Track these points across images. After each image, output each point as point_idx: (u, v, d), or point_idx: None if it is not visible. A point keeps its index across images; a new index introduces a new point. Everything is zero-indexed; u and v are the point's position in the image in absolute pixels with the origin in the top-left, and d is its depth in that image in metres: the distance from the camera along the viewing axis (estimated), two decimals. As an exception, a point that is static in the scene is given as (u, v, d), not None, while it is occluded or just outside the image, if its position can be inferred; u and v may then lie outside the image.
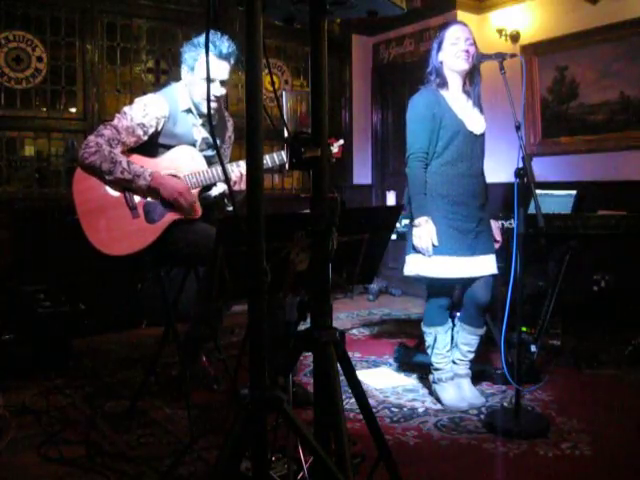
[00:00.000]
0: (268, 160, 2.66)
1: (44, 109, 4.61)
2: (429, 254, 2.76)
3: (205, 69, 2.67)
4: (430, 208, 2.77)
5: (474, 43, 2.82)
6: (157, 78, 5.01)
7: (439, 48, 2.84)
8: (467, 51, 2.78)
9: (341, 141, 2.87)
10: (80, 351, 3.69)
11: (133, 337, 4.15)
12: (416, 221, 2.78)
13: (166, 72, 5.04)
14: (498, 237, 2.96)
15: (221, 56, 2.63)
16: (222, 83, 2.70)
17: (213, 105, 2.70)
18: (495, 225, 2.98)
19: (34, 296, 3.55)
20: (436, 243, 2.74)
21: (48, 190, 4.59)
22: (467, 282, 2.86)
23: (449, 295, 2.91)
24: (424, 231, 2.75)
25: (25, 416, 2.73)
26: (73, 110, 4.75)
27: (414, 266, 2.84)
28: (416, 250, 2.80)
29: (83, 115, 4.69)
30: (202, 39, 2.65)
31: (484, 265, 2.82)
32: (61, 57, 4.63)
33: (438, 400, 2.93)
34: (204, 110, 2.72)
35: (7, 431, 2.52)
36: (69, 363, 3.44)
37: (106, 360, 3.63)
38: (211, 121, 1.37)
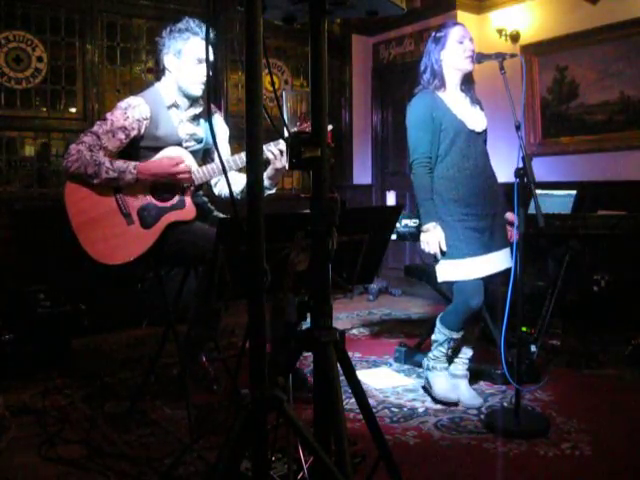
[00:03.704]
0: (266, 151, 2.65)
1: (44, 109, 4.61)
2: (439, 259, 2.76)
3: (195, 52, 2.72)
4: (443, 213, 2.76)
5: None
6: (157, 78, 4.99)
7: (442, 46, 2.80)
8: (473, 50, 2.78)
9: (330, 126, 2.82)
10: (80, 351, 3.69)
11: (133, 337, 4.15)
12: (424, 227, 2.77)
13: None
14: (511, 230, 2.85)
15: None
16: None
17: (203, 87, 2.72)
18: (510, 217, 2.89)
19: (34, 296, 3.55)
20: (444, 248, 2.74)
21: (48, 190, 4.58)
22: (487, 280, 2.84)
23: (478, 304, 2.78)
24: (432, 237, 2.74)
25: (25, 416, 2.73)
26: (73, 110, 4.75)
27: (443, 273, 2.81)
28: (433, 257, 2.80)
29: (83, 115, 4.69)
30: (183, 25, 2.69)
31: (501, 260, 2.83)
32: (61, 57, 4.63)
33: (429, 390, 2.94)
34: (193, 92, 2.72)
35: (7, 431, 2.52)
36: (69, 363, 3.45)
37: (106, 360, 3.63)
38: (211, 122, 1.37)
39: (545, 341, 3.60)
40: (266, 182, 2.72)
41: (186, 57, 2.68)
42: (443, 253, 2.75)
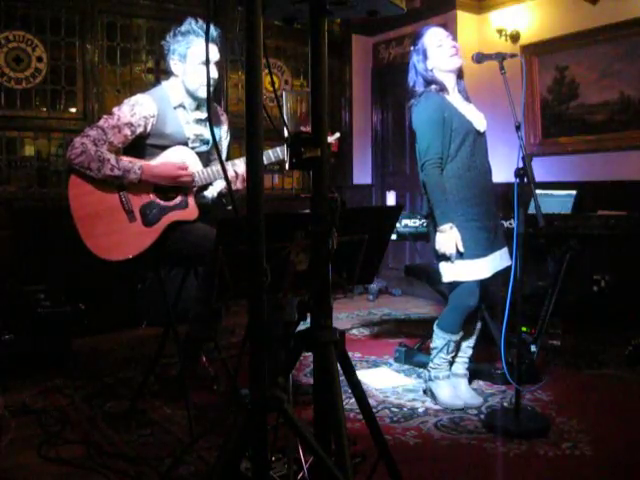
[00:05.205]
0: (271, 155, 2.67)
1: (44, 109, 4.61)
2: (454, 260, 2.74)
3: (199, 54, 2.73)
4: (453, 213, 2.74)
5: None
6: (157, 78, 5.00)
7: (424, 56, 2.83)
8: (455, 46, 2.79)
9: (337, 134, 2.83)
10: (80, 351, 3.69)
11: (133, 337, 4.14)
12: (441, 227, 2.73)
13: (166, 72, 5.04)
14: None
15: (212, 40, 2.66)
16: (214, 65, 2.74)
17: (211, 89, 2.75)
18: None
19: (34, 296, 3.55)
20: (461, 249, 2.71)
21: (48, 190, 4.58)
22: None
23: (476, 302, 2.81)
24: (449, 238, 2.71)
25: (25, 416, 2.73)
26: (73, 110, 4.75)
27: (452, 273, 2.79)
28: (444, 257, 2.77)
29: (83, 115, 4.69)
30: (185, 27, 2.69)
31: (503, 258, 2.85)
32: (61, 57, 4.62)
33: (433, 398, 2.93)
34: (201, 95, 2.72)
35: (7, 431, 2.52)
36: (69, 363, 3.44)
37: (106, 360, 3.63)
38: (210, 119, 1.37)
39: (545, 341, 3.59)
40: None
41: (190, 60, 2.69)
42: (460, 254, 2.73)
